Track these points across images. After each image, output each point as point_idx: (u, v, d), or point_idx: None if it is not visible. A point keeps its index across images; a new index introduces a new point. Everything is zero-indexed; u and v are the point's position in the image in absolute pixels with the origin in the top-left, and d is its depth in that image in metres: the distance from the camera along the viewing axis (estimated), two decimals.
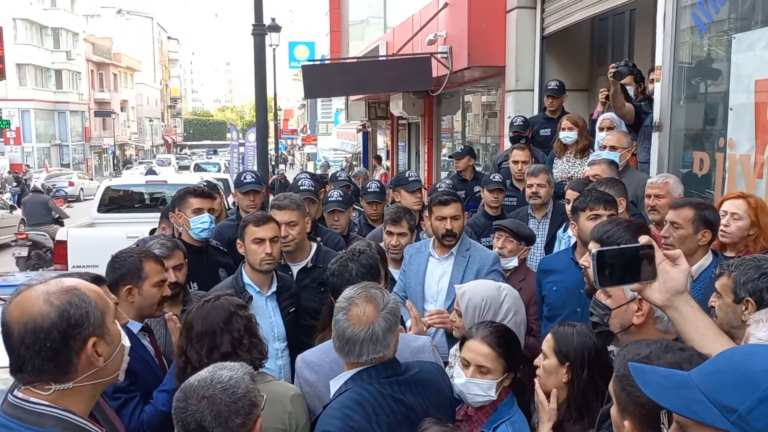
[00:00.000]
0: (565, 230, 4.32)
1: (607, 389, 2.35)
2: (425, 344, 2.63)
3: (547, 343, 2.39)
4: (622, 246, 1.86)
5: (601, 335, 2.06)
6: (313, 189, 4.82)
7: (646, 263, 1.70)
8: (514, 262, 3.93)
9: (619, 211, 3.69)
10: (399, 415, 2.08)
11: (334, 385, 2.18)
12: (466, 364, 2.39)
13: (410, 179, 5.19)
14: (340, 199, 4.74)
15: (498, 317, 2.80)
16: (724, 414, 1.09)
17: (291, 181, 7.24)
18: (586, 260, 2.52)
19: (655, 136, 5.10)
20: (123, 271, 2.83)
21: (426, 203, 4.45)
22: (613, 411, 1.57)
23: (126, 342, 1.65)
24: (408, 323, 3.04)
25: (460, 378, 2.37)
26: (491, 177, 5.30)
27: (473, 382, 2.34)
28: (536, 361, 2.42)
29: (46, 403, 1.51)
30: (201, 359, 2.34)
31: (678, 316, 1.70)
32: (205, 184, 5.34)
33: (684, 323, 1.69)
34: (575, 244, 3.56)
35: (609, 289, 1.96)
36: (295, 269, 3.75)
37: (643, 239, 1.74)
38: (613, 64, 5.29)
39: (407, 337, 2.65)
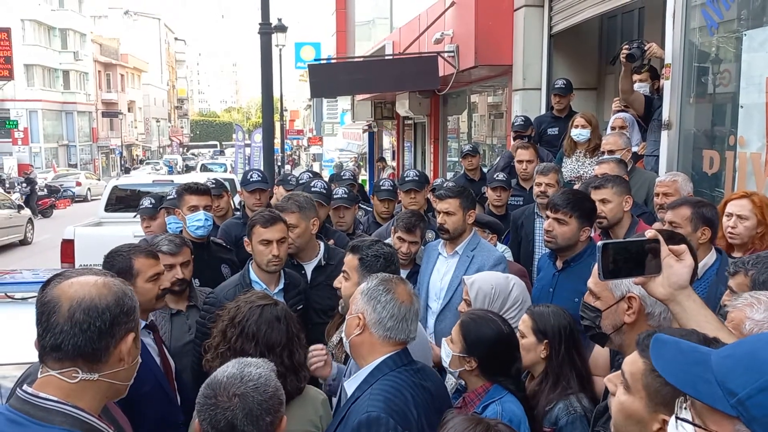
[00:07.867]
0: None
1: (584, 367, 2.43)
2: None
3: (524, 323, 2.56)
4: (627, 239, 1.88)
5: (594, 338, 2.04)
6: (325, 192, 4.58)
7: (651, 257, 1.72)
8: None
9: (625, 209, 3.67)
10: (428, 402, 2.12)
11: (353, 383, 2.15)
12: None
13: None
14: (346, 195, 4.71)
15: (507, 305, 2.88)
16: (726, 396, 1.08)
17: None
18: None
19: (664, 134, 5.05)
20: (114, 271, 2.71)
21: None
22: (635, 406, 1.46)
23: (139, 359, 1.68)
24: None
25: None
26: (494, 176, 5.26)
27: (443, 344, 2.56)
28: None
29: (56, 398, 1.49)
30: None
31: (680, 310, 1.72)
32: (213, 182, 5.32)
33: (686, 317, 1.70)
34: None
35: (597, 290, 1.97)
36: (309, 268, 3.73)
37: (650, 233, 1.75)
38: (626, 45, 5.14)
39: None
